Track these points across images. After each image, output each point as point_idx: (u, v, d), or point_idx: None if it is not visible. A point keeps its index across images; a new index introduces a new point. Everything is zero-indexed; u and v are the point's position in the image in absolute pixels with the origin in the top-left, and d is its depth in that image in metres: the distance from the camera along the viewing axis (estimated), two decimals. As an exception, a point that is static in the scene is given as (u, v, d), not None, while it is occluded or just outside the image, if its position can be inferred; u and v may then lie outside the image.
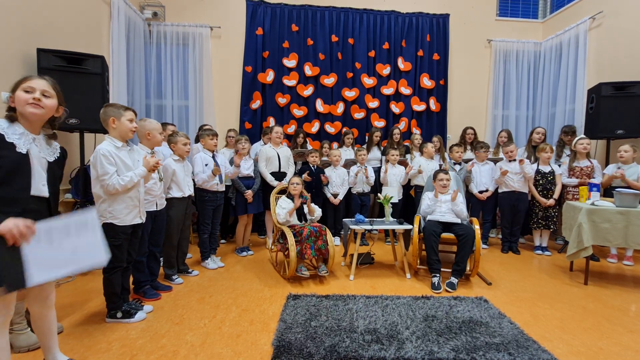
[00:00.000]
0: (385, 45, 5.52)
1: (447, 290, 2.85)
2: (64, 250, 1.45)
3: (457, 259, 3.02)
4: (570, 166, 3.97)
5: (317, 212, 3.47)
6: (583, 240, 2.95)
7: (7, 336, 1.50)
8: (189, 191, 3.05)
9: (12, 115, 1.50)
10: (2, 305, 1.43)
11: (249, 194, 3.78)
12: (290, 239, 3.00)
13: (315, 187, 4.17)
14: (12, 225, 1.34)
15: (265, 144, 4.49)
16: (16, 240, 1.35)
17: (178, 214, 2.98)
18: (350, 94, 5.47)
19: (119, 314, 2.26)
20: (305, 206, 3.44)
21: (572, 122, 4.89)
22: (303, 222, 3.38)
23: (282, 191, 3.68)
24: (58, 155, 1.66)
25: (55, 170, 1.62)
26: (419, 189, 4.30)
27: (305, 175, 4.07)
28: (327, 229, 3.23)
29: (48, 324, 1.70)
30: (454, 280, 2.93)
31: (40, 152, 1.55)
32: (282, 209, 3.29)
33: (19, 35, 2.89)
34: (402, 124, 5.48)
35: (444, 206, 3.30)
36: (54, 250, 1.42)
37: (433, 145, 4.40)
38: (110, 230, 2.13)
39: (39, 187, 1.52)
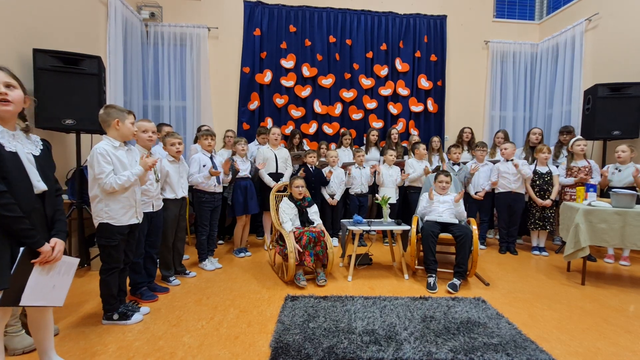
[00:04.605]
0: (383, 47, 5.53)
1: (449, 292, 2.84)
2: (49, 284, 1.53)
3: (458, 260, 3.02)
4: (569, 166, 3.98)
5: (318, 222, 3.35)
6: (580, 240, 2.97)
7: (1, 339, 1.49)
8: (182, 193, 3.02)
9: None
10: None
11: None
12: (290, 246, 2.94)
13: (314, 187, 4.16)
14: (48, 248, 1.48)
15: (259, 144, 4.48)
16: (47, 261, 1.49)
17: (171, 215, 2.95)
18: (348, 94, 5.47)
19: (115, 316, 2.24)
20: (308, 210, 3.34)
21: (569, 123, 4.90)
22: (307, 224, 3.26)
23: (280, 190, 3.67)
24: (42, 148, 1.59)
25: (43, 164, 1.55)
26: (412, 190, 4.30)
27: (300, 172, 4.06)
28: (327, 234, 3.18)
29: (45, 324, 1.68)
30: (456, 281, 2.93)
31: (24, 148, 1.48)
32: (289, 219, 3.18)
33: (15, 35, 2.87)
34: (400, 125, 5.49)
35: (441, 206, 3.30)
36: (46, 281, 1.51)
37: (424, 147, 4.40)
38: (106, 231, 2.12)
39: (36, 184, 1.49)
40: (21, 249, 1.41)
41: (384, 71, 5.53)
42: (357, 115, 5.51)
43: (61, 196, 1.69)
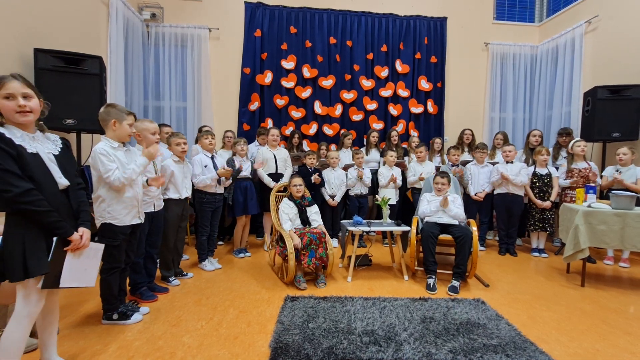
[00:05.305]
0: (383, 48, 5.54)
1: (449, 294, 2.84)
2: (81, 267, 1.70)
3: (457, 261, 3.02)
4: (569, 168, 3.98)
5: (319, 222, 3.35)
6: (580, 242, 2.97)
7: (29, 330, 1.55)
8: (186, 193, 3.03)
9: (1, 120, 1.51)
10: (36, 297, 1.53)
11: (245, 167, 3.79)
12: (290, 247, 2.94)
13: (315, 188, 4.16)
14: (78, 237, 1.63)
15: (259, 144, 4.48)
16: (77, 248, 1.64)
17: (174, 215, 2.96)
18: (348, 96, 5.48)
19: (115, 316, 2.25)
20: (308, 209, 3.34)
21: (569, 124, 4.92)
22: (306, 225, 3.25)
23: (280, 190, 3.67)
24: (61, 147, 1.69)
25: (63, 161, 1.65)
26: (416, 191, 4.31)
27: (315, 177, 4.04)
28: (327, 235, 3.16)
29: (51, 319, 1.72)
30: (455, 283, 2.93)
31: (44, 149, 1.59)
32: (288, 219, 3.18)
33: (16, 35, 2.88)
34: (400, 126, 5.50)
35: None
36: (78, 265, 1.69)
37: (422, 150, 4.41)
38: (109, 231, 2.12)
39: (58, 180, 1.60)
40: (54, 238, 1.56)
41: (384, 72, 5.54)
42: (357, 117, 5.51)
43: (83, 189, 1.78)
